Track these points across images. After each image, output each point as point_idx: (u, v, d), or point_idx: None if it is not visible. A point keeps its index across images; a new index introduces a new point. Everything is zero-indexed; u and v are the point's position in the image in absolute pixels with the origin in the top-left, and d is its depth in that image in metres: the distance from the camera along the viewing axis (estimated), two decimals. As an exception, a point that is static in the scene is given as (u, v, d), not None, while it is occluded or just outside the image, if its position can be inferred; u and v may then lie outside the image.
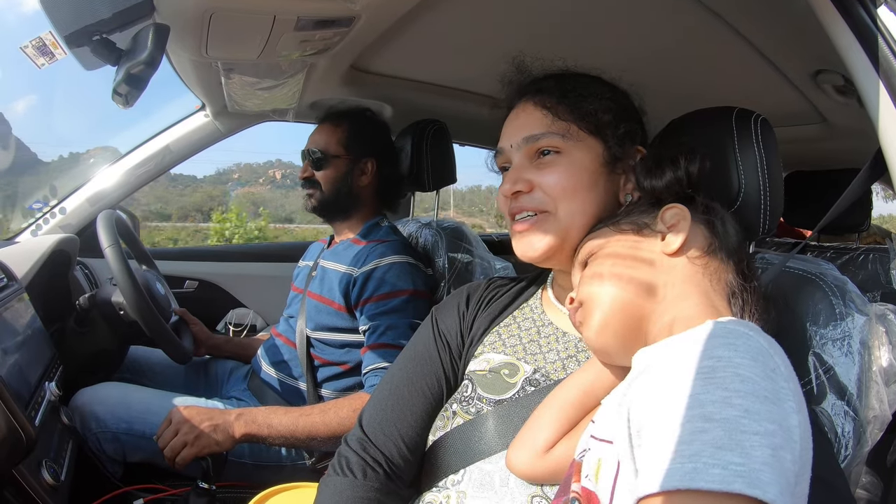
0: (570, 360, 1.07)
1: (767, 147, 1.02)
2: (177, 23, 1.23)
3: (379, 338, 1.75)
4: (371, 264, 1.82)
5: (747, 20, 1.40)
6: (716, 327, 0.73)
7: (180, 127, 2.43)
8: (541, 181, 1.07)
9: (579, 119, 1.08)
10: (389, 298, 1.78)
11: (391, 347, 1.71)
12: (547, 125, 1.08)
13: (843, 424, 0.93)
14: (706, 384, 0.63)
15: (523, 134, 1.10)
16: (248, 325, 2.86)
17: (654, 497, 0.60)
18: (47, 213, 2.35)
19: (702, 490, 0.57)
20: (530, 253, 1.08)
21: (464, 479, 1.02)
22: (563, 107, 1.08)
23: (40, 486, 1.25)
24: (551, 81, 1.15)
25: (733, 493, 0.56)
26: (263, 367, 2.03)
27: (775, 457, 0.58)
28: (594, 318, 0.88)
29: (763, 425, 0.59)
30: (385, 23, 1.51)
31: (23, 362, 1.42)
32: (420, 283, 1.85)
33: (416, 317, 1.77)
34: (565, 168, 1.06)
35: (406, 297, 1.79)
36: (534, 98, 1.13)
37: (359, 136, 2.03)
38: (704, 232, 0.91)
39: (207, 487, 1.50)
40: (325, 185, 2.00)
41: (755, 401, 0.61)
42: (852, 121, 1.91)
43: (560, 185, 1.06)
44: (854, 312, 0.96)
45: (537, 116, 1.10)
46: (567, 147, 1.07)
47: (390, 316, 1.77)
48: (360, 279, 1.82)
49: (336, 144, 2.01)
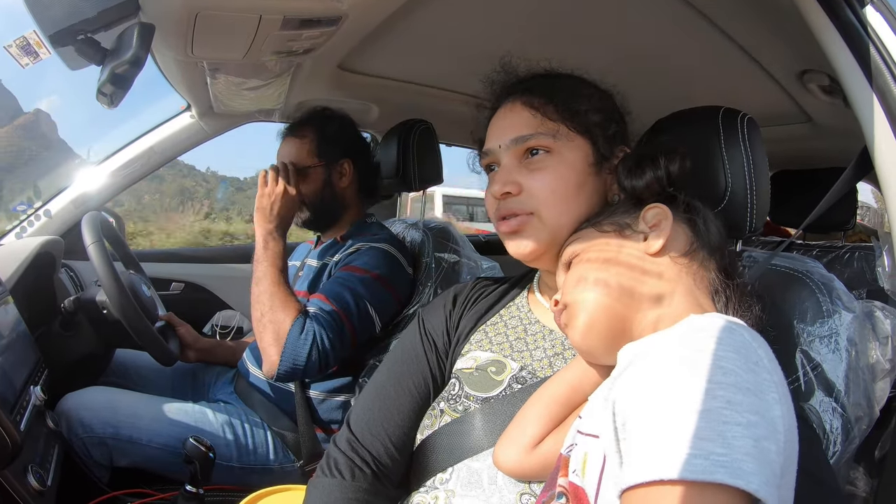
0: (557, 358, 1.08)
1: (754, 146, 1.02)
2: (162, 22, 1.22)
3: (323, 290, 1.75)
4: (352, 248, 1.83)
5: (733, 20, 1.41)
6: (699, 322, 0.74)
7: (165, 128, 2.41)
8: (530, 184, 1.06)
9: (568, 119, 1.07)
10: (352, 271, 1.77)
11: (328, 302, 1.70)
12: (536, 125, 1.07)
13: (832, 421, 0.93)
14: (689, 377, 0.64)
15: (512, 135, 1.09)
16: (235, 327, 2.84)
17: (637, 488, 0.61)
18: (31, 215, 2.33)
19: (685, 480, 0.58)
20: (518, 251, 1.08)
21: (452, 477, 1.01)
22: (552, 107, 1.08)
23: (26, 491, 1.23)
24: (538, 81, 1.14)
25: (715, 483, 0.57)
26: (250, 368, 2.00)
27: (758, 447, 0.59)
28: (579, 320, 0.88)
29: (745, 416, 0.60)
30: (372, 22, 1.51)
31: (7, 366, 1.40)
32: (389, 272, 1.82)
33: (371, 299, 1.74)
34: (554, 169, 1.06)
35: (367, 276, 1.76)
36: (521, 98, 1.12)
37: (327, 140, 2.01)
38: (686, 231, 0.92)
39: (195, 491, 1.49)
40: (308, 199, 1.97)
41: (737, 392, 0.62)
42: (838, 120, 1.93)
43: (548, 188, 1.05)
44: (841, 310, 0.97)
45: (526, 116, 1.09)
46: (557, 147, 1.06)
47: (347, 280, 1.75)
48: (340, 260, 1.84)
49: (307, 155, 1.98)
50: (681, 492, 0.58)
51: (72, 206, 2.34)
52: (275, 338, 1.64)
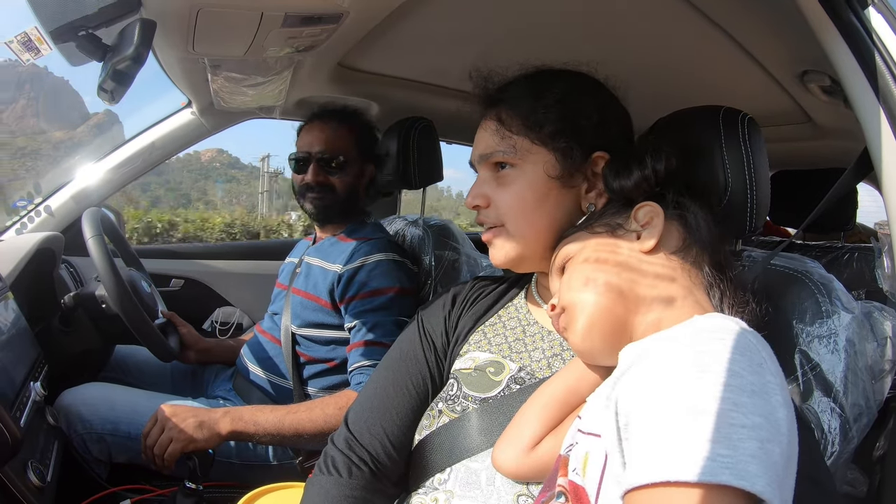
0: (555, 359, 1.08)
1: (754, 146, 1.02)
2: (163, 19, 1.22)
3: (365, 335, 1.74)
4: (357, 262, 1.81)
5: (734, 20, 1.41)
6: (703, 322, 0.74)
7: (166, 124, 2.41)
8: (497, 198, 1.10)
9: (529, 129, 1.08)
10: (375, 296, 1.78)
11: (376, 345, 1.71)
12: (496, 143, 1.10)
13: (830, 421, 0.94)
14: (694, 378, 0.64)
15: (478, 151, 1.14)
16: (235, 323, 2.84)
17: (641, 489, 0.61)
18: (31, 211, 2.33)
19: (690, 482, 0.58)
20: (494, 260, 1.13)
21: (450, 477, 1.02)
22: (517, 119, 1.09)
23: (26, 487, 1.24)
24: (510, 89, 1.14)
25: (720, 485, 0.57)
26: (248, 365, 2.01)
27: (763, 449, 0.59)
28: (578, 323, 0.88)
29: (750, 418, 0.60)
30: (372, 19, 1.51)
31: (7, 362, 1.40)
32: (405, 280, 1.84)
33: (401, 314, 1.77)
34: (518, 185, 1.08)
35: (391, 294, 1.78)
36: (493, 110, 1.13)
37: (367, 140, 2.02)
38: (678, 227, 0.92)
39: (194, 487, 1.49)
40: (340, 189, 1.96)
41: (742, 394, 0.62)
42: (838, 121, 1.93)
43: (508, 204, 1.09)
44: (840, 310, 0.97)
45: (491, 131, 1.11)
46: (518, 161, 1.08)
47: (376, 313, 1.76)
48: (346, 276, 1.81)
49: (353, 147, 1.98)
50: (686, 493, 0.58)
51: (72, 202, 2.34)
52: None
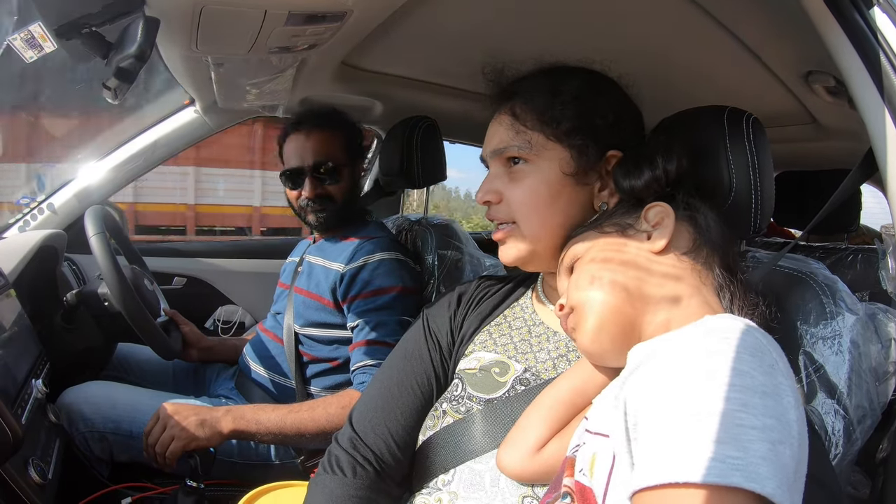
0: (561, 360, 1.07)
1: (759, 147, 1.02)
2: (167, 16, 1.21)
3: (368, 334, 1.74)
4: (360, 261, 1.80)
5: (739, 20, 1.40)
6: (713, 323, 0.73)
7: (169, 122, 2.40)
8: (509, 194, 1.09)
9: (545, 125, 1.07)
10: (378, 295, 1.77)
11: (379, 344, 1.70)
12: (511, 137, 1.08)
13: (834, 423, 0.93)
14: (704, 378, 0.63)
15: (491, 146, 1.12)
16: (237, 321, 2.84)
17: (650, 490, 0.60)
18: (35, 208, 2.33)
19: (700, 483, 0.57)
20: (504, 259, 1.12)
21: (454, 479, 1.01)
22: (532, 114, 1.08)
23: (27, 484, 1.24)
24: (525, 83, 1.13)
25: (731, 487, 0.57)
26: (251, 364, 2.01)
27: (773, 451, 0.59)
28: (587, 323, 0.87)
29: (761, 420, 0.60)
30: (376, 18, 1.50)
31: (9, 359, 1.40)
32: (408, 279, 1.84)
33: (404, 313, 1.77)
34: (531, 181, 1.07)
35: (394, 294, 1.78)
36: (507, 104, 1.12)
37: (354, 138, 2.02)
38: (688, 228, 0.92)
39: (196, 486, 1.49)
40: (339, 197, 1.95)
41: (753, 395, 0.61)
42: (842, 121, 1.92)
43: (521, 201, 1.07)
44: (844, 311, 0.97)
45: (505, 126, 1.10)
46: (533, 157, 1.07)
47: (379, 313, 1.76)
48: (348, 276, 1.80)
49: (343, 152, 1.97)
50: (695, 495, 0.58)
51: (75, 199, 2.34)
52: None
